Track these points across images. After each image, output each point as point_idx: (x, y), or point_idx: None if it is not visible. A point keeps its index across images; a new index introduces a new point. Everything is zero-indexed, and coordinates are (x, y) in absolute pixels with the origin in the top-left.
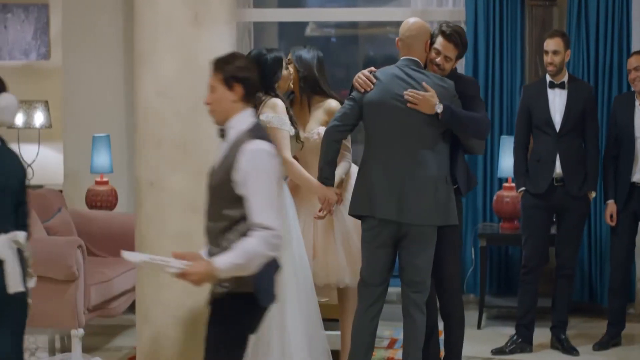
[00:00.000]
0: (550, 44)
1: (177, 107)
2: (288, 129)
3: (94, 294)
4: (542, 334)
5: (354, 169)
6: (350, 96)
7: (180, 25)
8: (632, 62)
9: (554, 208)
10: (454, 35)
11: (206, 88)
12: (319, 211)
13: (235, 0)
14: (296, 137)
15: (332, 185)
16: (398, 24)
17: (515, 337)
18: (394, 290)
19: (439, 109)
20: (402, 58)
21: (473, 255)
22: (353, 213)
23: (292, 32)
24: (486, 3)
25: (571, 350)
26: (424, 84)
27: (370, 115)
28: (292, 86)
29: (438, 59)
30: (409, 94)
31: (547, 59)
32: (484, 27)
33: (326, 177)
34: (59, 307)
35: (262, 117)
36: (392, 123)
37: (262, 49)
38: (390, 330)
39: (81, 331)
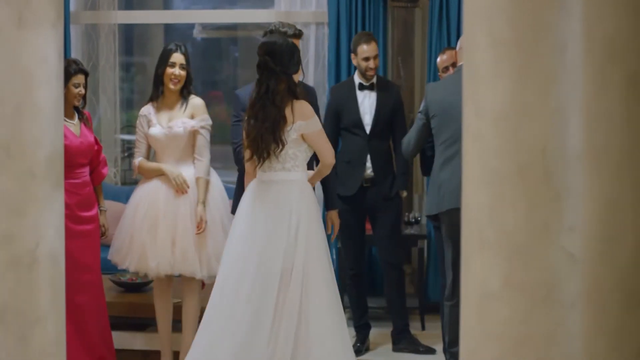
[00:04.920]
0: (371, 50)
1: (1, 109)
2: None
3: None
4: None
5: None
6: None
7: (3, 26)
8: (448, 58)
9: (366, 210)
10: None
11: (29, 90)
12: None
13: (62, 3)
14: None
15: None
16: (263, 25)
17: (354, 340)
18: None
19: None
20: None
21: (334, 256)
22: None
23: (178, 34)
24: (348, 5)
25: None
26: None
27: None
28: (171, 84)
29: None
30: None
31: (368, 64)
32: (347, 29)
33: None
34: None
35: (303, 125)
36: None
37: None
38: None
39: None
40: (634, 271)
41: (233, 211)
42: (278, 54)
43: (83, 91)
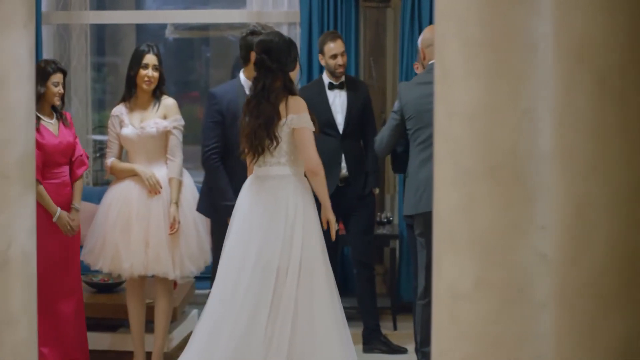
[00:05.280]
0: (338, 47)
1: None
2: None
3: None
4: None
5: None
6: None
7: None
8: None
9: (340, 210)
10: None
11: (0, 91)
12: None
13: (33, 3)
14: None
15: None
16: (235, 25)
17: None
18: None
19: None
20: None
21: None
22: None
23: (150, 34)
24: (320, 4)
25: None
26: None
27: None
28: (145, 85)
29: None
30: None
31: (337, 61)
32: (319, 29)
33: None
34: None
35: (295, 118)
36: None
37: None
38: None
39: None
40: (604, 271)
41: (198, 209)
42: (274, 51)
43: (62, 90)
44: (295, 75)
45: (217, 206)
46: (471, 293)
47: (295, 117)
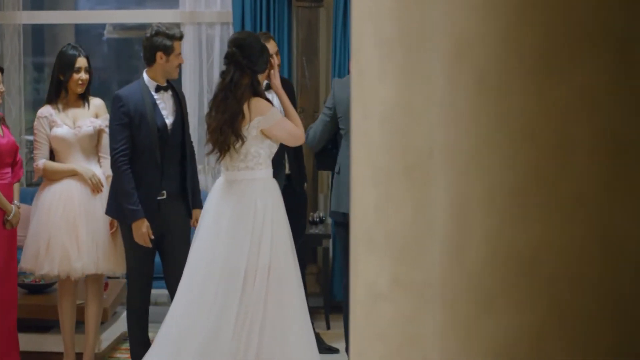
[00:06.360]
0: (272, 48)
1: None
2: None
3: None
4: None
5: None
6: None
7: None
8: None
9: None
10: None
11: None
12: None
13: None
14: None
15: None
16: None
17: None
18: (162, 292)
19: None
20: None
21: None
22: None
23: (89, 35)
24: (253, 4)
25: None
26: None
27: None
28: (79, 88)
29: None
30: None
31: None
32: (251, 29)
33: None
34: None
35: (262, 120)
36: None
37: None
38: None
39: None
40: (483, 270)
41: (106, 211)
42: (247, 48)
43: (3, 87)
44: (263, 79)
45: (123, 209)
46: (388, 293)
47: (262, 118)
